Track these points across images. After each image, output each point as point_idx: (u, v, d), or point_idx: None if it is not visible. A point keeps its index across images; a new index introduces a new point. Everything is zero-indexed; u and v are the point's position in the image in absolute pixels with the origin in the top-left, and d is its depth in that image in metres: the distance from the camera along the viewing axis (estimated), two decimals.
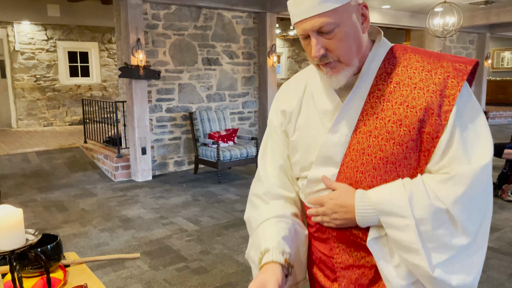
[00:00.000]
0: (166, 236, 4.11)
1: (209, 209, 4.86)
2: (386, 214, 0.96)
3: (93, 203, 5.16)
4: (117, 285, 3.17)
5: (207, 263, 3.50)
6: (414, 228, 0.92)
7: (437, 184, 0.94)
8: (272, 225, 1.09)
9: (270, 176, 1.18)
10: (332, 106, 1.06)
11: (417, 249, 0.92)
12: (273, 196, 1.16)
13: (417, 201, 0.94)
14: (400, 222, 0.94)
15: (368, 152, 1.00)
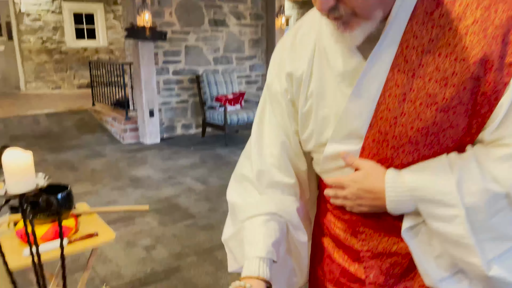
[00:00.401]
0: (174, 195, 4.19)
1: (216, 171, 4.92)
2: (427, 202, 0.78)
3: (102, 164, 5.24)
4: (127, 239, 3.27)
5: (215, 221, 3.58)
6: (464, 219, 0.74)
7: (494, 161, 0.75)
8: (262, 225, 0.89)
9: (267, 155, 0.95)
10: (351, 65, 0.82)
11: (469, 244, 0.75)
12: (269, 182, 0.94)
13: (468, 185, 0.75)
14: (445, 212, 0.76)
15: (401, 122, 0.79)
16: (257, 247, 0.85)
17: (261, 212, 0.91)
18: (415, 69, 0.77)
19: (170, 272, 2.79)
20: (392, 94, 0.79)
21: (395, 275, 0.89)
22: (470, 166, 0.76)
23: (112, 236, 1.90)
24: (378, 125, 0.81)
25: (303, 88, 0.90)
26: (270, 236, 0.88)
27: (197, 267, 2.85)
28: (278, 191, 0.94)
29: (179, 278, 2.72)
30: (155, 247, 3.15)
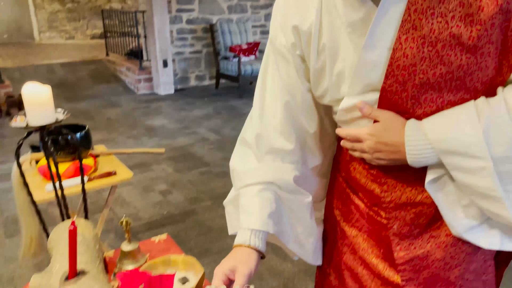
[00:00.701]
0: (189, 144, 4.24)
1: (230, 122, 4.93)
2: (451, 154, 0.72)
3: (118, 113, 5.29)
4: (144, 184, 3.36)
5: (229, 168, 3.62)
6: (492, 171, 0.69)
7: None
8: (256, 195, 0.86)
9: (269, 117, 0.89)
10: (362, 13, 0.74)
11: (497, 196, 0.70)
12: (269, 149, 0.90)
13: (496, 135, 0.68)
14: (471, 164, 0.70)
15: (421, 69, 0.71)
16: (251, 218, 0.83)
17: (258, 181, 0.88)
18: (434, 6, 0.68)
19: (185, 215, 2.88)
20: (409, 38, 0.70)
21: (421, 225, 0.84)
22: (499, 112, 0.69)
23: (130, 175, 1.95)
24: (395, 74, 0.73)
25: (313, 42, 0.81)
26: (265, 207, 0.85)
27: (211, 211, 2.93)
28: (278, 158, 0.90)
29: (194, 221, 2.81)
30: (171, 192, 3.23)
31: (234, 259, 0.80)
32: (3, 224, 2.78)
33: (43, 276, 1.15)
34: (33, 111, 1.23)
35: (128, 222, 1.30)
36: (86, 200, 1.41)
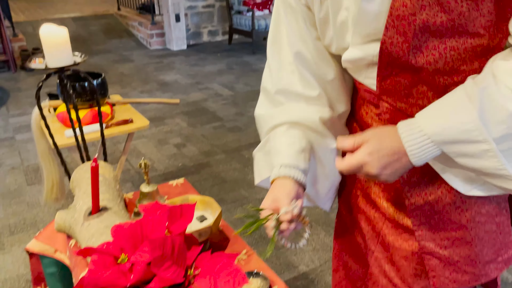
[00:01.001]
0: (202, 99, 4.24)
1: (243, 77, 4.89)
2: (452, 143, 0.70)
3: (131, 68, 5.28)
4: (158, 137, 3.40)
5: (242, 124, 3.64)
6: (495, 152, 0.68)
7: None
8: (283, 135, 0.88)
9: (286, 64, 0.90)
10: None
11: (505, 174, 0.69)
12: (289, 95, 0.91)
13: (491, 116, 0.67)
14: (474, 149, 0.69)
15: (422, 18, 0.69)
16: (280, 156, 0.85)
17: (284, 121, 0.89)
18: None
19: (200, 167, 2.93)
20: None
21: (430, 172, 0.83)
22: (490, 90, 0.66)
23: (146, 123, 1.97)
24: (395, 25, 0.70)
25: None
26: (294, 143, 0.87)
27: (225, 164, 2.97)
28: (302, 101, 0.91)
29: (208, 173, 2.86)
30: (185, 145, 3.27)
31: (271, 193, 0.82)
32: (24, 173, 2.87)
33: (67, 212, 1.20)
34: (51, 52, 1.23)
35: (147, 164, 1.33)
36: (105, 143, 1.44)
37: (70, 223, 1.17)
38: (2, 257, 2.07)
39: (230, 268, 0.72)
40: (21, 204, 2.52)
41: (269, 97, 0.95)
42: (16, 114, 3.87)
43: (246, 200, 2.53)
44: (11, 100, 4.21)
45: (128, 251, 0.72)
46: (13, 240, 2.20)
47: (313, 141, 0.91)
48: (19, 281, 1.92)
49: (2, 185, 2.71)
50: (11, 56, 5.01)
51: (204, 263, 0.74)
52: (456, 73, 0.73)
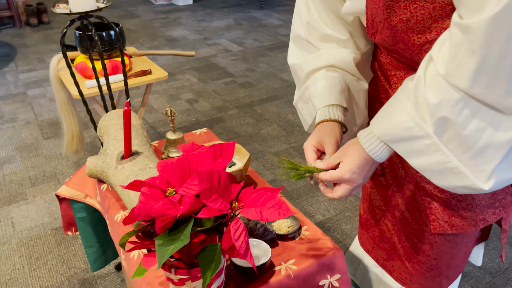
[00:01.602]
0: (211, 55, 4.19)
1: (252, 33, 4.80)
2: (397, 141, 0.73)
3: (137, 24, 5.18)
4: (170, 93, 3.39)
5: (253, 79, 3.62)
6: (439, 145, 0.68)
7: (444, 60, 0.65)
8: (323, 78, 0.92)
9: (312, 8, 0.94)
10: None
11: (453, 166, 0.69)
12: (321, 36, 0.95)
13: (423, 110, 0.69)
14: (418, 145, 0.70)
15: None
16: (323, 98, 0.90)
17: (321, 65, 0.93)
18: None
19: (213, 122, 2.95)
20: None
21: None
22: (419, 85, 0.68)
23: (164, 74, 1.97)
24: None
25: None
26: (335, 85, 0.91)
27: (238, 119, 2.98)
28: (333, 43, 0.95)
29: (222, 127, 2.88)
30: (197, 100, 3.27)
31: (318, 133, 0.86)
32: (39, 128, 2.90)
33: (98, 158, 1.23)
34: None
35: (173, 111, 1.34)
36: (128, 92, 1.45)
37: (102, 167, 1.20)
38: (26, 207, 2.14)
39: (274, 200, 0.74)
40: (39, 157, 2.56)
41: (303, 44, 0.98)
42: (25, 70, 3.85)
43: (261, 154, 2.56)
44: (19, 56, 4.17)
45: (175, 184, 0.74)
46: (35, 191, 2.26)
47: (348, 82, 0.95)
48: (44, 229, 1.99)
49: (18, 139, 2.75)
50: (15, 12, 4.91)
51: (248, 197, 0.76)
52: (428, 31, 0.76)
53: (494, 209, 0.96)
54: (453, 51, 0.64)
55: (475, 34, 0.59)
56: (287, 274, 0.93)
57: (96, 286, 1.68)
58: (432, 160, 0.70)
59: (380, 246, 1.19)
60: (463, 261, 1.09)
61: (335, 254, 0.99)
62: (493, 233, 1.92)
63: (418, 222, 1.03)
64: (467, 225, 0.96)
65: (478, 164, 0.68)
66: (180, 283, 0.81)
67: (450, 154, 0.68)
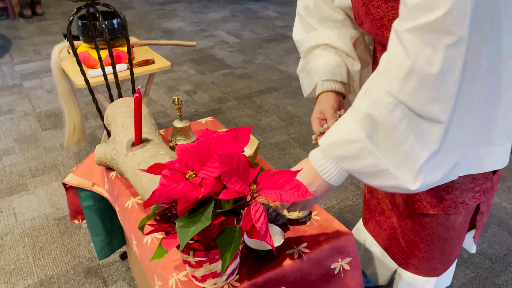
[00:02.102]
0: (208, 46, 4.17)
1: (249, 25, 4.79)
2: (335, 144, 0.77)
3: (132, 16, 5.14)
4: (168, 84, 3.38)
5: (251, 71, 3.62)
6: (372, 148, 0.72)
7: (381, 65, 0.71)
8: (320, 55, 1.03)
9: None
10: None
11: (384, 169, 0.73)
12: (319, 19, 1.05)
13: (358, 111, 0.74)
14: (352, 148, 0.74)
15: None
16: (319, 73, 1.01)
17: (316, 44, 1.03)
18: None
19: (212, 113, 2.95)
20: None
21: None
22: (359, 94, 0.75)
23: (167, 64, 1.96)
24: None
25: None
26: (330, 61, 1.01)
27: (237, 110, 2.99)
28: (330, 24, 1.04)
29: (221, 118, 2.88)
30: (195, 92, 3.26)
31: (318, 105, 0.99)
32: (37, 119, 2.88)
33: (106, 145, 1.23)
34: None
35: (180, 99, 1.34)
36: (134, 80, 1.45)
37: (111, 155, 1.20)
38: (28, 198, 2.13)
39: (292, 182, 0.75)
40: (38, 148, 2.55)
41: (304, 22, 1.08)
42: (20, 61, 3.81)
43: (261, 145, 2.57)
44: (14, 48, 4.12)
45: (194, 167, 0.75)
46: (36, 182, 2.25)
47: (344, 59, 1.04)
48: (47, 219, 1.99)
49: (17, 131, 2.73)
50: (9, 3, 4.84)
51: (266, 180, 0.78)
52: None
53: (474, 193, 0.99)
54: (387, 56, 0.69)
55: (406, 41, 0.64)
56: (300, 257, 0.95)
57: (101, 275, 1.69)
58: (366, 164, 0.74)
59: (381, 226, 1.23)
60: (456, 247, 1.12)
61: (346, 238, 1.01)
62: (491, 220, 1.96)
63: (408, 202, 1.08)
64: (447, 207, 1.00)
65: (405, 165, 0.72)
66: (197, 265, 0.83)
67: (381, 156, 0.72)
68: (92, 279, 1.67)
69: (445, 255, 1.13)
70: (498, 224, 1.94)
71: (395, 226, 1.17)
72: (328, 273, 0.99)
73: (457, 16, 0.59)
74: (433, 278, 1.18)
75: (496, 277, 1.68)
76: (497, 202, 2.07)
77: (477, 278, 1.68)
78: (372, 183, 0.78)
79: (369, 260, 1.40)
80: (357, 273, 1.02)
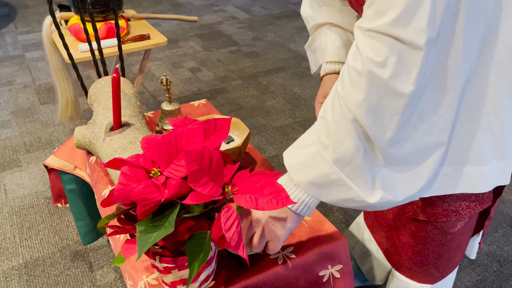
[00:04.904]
0: (217, 22, 4.02)
1: (260, 0, 4.60)
2: (292, 151, 0.71)
3: None
4: (172, 60, 3.27)
5: (259, 49, 3.48)
6: (323, 155, 0.66)
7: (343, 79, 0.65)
8: (325, 34, 1.01)
9: None
10: None
11: (336, 178, 0.66)
12: None
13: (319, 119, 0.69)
14: (305, 153, 0.68)
15: None
16: (326, 53, 0.98)
17: (321, 22, 1.01)
18: None
19: (215, 92, 2.84)
20: None
21: None
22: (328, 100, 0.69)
23: (164, 40, 1.85)
24: None
25: None
26: (335, 41, 0.98)
27: (242, 90, 2.87)
28: (336, 2, 0.99)
29: (225, 99, 2.77)
30: (200, 69, 3.15)
31: (322, 88, 0.96)
32: (36, 92, 2.80)
33: (87, 127, 1.14)
34: None
35: (169, 80, 1.24)
36: (122, 58, 1.34)
37: (90, 138, 1.11)
38: (20, 174, 2.07)
39: (272, 187, 0.65)
40: (35, 122, 2.48)
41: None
42: (24, 31, 3.72)
43: (264, 128, 2.46)
44: (19, 17, 4.03)
45: (160, 164, 0.65)
46: (29, 158, 2.19)
47: (350, 39, 1.00)
48: (38, 197, 1.93)
49: (14, 104, 2.66)
50: None
51: (242, 182, 0.68)
52: None
53: (470, 202, 0.91)
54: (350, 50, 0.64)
55: (359, 40, 0.59)
56: (285, 263, 0.85)
57: (89, 259, 1.63)
58: (319, 171, 0.67)
59: (379, 222, 1.15)
60: (456, 253, 1.03)
61: (338, 243, 0.91)
62: (503, 219, 1.84)
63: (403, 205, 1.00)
64: (437, 214, 0.93)
65: (359, 176, 0.65)
66: (165, 272, 0.74)
67: (334, 166, 0.65)
68: (78, 263, 1.61)
69: (442, 261, 1.04)
70: (511, 223, 1.82)
71: (391, 224, 1.09)
72: (316, 281, 0.90)
73: (411, 19, 0.54)
74: (428, 285, 1.09)
75: (504, 281, 1.57)
76: (510, 199, 1.95)
77: (483, 281, 1.57)
78: (326, 198, 0.69)
79: (366, 257, 1.32)
80: (349, 282, 0.93)
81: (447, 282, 1.13)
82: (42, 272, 1.58)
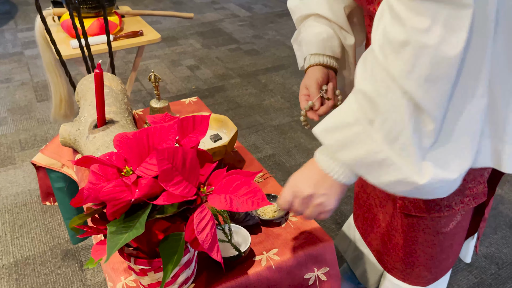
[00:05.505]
0: (218, 19, 4.00)
1: None
2: (329, 131, 0.67)
3: None
4: (171, 58, 3.25)
5: (260, 47, 3.45)
6: (369, 133, 0.62)
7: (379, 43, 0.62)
8: (310, 25, 0.96)
9: None
10: None
11: (384, 157, 0.62)
12: None
13: (358, 92, 0.65)
14: (348, 133, 0.64)
15: None
16: (310, 45, 0.94)
17: (307, 13, 0.96)
18: None
19: (214, 91, 2.81)
20: None
21: None
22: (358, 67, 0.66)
23: (157, 36, 1.82)
24: None
25: None
26: (320, 33, 0.94)
27: (240, 88, 2.84)
28: None
29: (223, 97, 2.74)
30: (199, 67, 3.12)
31: (304, 81, 0.92)
32: (33, 89, 2.79)
33: (72, 125, 1.12)
34: None
35: (157, 76, 1.21)
36: (112, 54, 1.32)
37: (75, 136, 1.09)
38: (14, 172, 2.06)
39: (248, 187, 0.63)
40: (31, 120, 2.47)
41: None
42: (24, 28, 3.72)
43: (261, 127, 2.43)
44: (20, 14, 4.02)
45: (133, 163, 0.63)
46: (24, 155, 2.17)
47: (336, 32, 0.96)
48: (31, 195, 1.91)
49: (11, 101, 2.65)
50: None
51: (219, 181, 0.65)
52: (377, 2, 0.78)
53: (463, 197, 0.88)
54: (383, 28, 0.60)
55: (399, 10, 0.57)
56: (268, 265, 0.83)
57: (79, 258, 1.61)
58: (364, 151, 0.63)
59: (368, 223, 1.12)
60: (448, 255, 1.00)
61: (325, 245, 0.88)
62: (502, 220, 1.80)
63: (394, 199, 0.97)
64: (430, 209, 0.90)
65: (407, 154, 0.61)
66: (142, 274, 0.71)
67: (381, 143, 0.62)
68: (68, 262, 1.59)
69: (434, 262, 1.00)
70: (510, 225, 1.78)
71: (381, 224, 1.06)
72: (301, 284, 0.87)
73: None
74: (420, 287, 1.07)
75: (502, 284, 1.54)
76: (510, 200, 1.91)
77: (481, 284, 1.54)
78: (375, 180, 0.66)
79: (358, 260, 1.29)
80: (336, 285, 0.90)
81: (440, 285, 1.10)
82: (32, 271, 1.56)
